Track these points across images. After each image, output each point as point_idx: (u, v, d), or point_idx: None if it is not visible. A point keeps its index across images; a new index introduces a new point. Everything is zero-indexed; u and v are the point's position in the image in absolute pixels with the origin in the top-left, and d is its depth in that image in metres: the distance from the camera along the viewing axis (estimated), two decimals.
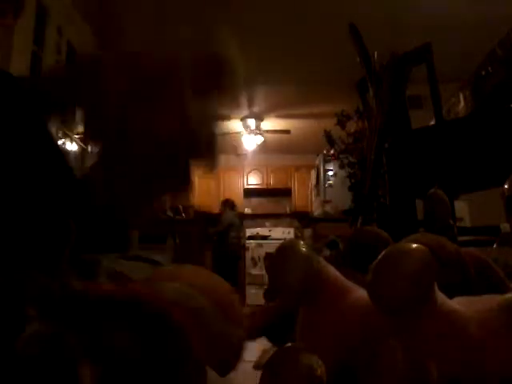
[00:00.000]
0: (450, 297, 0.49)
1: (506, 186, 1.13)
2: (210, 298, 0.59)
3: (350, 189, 4.24)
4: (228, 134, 6.33)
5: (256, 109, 5.88)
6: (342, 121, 4.39)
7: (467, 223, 2.42)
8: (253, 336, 0.99)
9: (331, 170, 5.10)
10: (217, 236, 6.14)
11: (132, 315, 0.42)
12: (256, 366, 0.99)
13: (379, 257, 0.47)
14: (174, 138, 0.67)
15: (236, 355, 0.63)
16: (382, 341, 0.48)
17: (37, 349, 0.34)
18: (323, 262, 0.57)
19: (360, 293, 0.55)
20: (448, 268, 0.61)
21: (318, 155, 5.44)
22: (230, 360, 0.62)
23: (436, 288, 0.47)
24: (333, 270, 0.59)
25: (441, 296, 0.48)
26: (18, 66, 2.69)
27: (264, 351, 1.11)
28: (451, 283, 0.54)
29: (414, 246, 0.46)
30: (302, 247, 0.55)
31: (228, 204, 6.55)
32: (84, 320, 0.39)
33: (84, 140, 3.81)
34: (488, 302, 0.49)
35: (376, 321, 0.49)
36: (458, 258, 0.65)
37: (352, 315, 0.53)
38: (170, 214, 4.91)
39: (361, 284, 0.56)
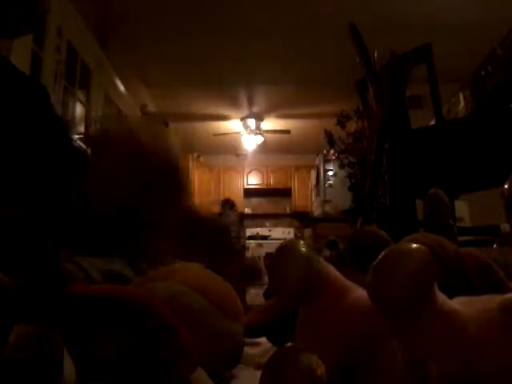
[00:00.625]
0: (450, 297, 0.49)
1: (506, 186, 1.12)
2: (206, 295, 0.59)
3: (350, 189, 4.25)
4: (228, 134, 6.33)
5: (256, 109, 5.88)
6: (341, 121, 4.39)
7: (467, 223, 2.42)
8: (253, 334, 0.99)
9: (331, 170, 5.09)
10: None
11: (122, 316, 0.41)
12: (256, 366, 0.99)
13: (379, 257, 0.47)
14: None
15: (236, 350, 0.63)
16: (382, 341, 0.48)
17: (25, 351, 0.34)
18: (323, 262, 0.57)
19: (360, 293, 0.55)
20: (448, 268, 0.61)
21: (317, 155, 5.44)
22: (230, 355, 0.62)
23: (436, 288, 0.46)
24: (333, 270, 0.58)
25: (441, 296, 0.48)
26: (18, 65, 2.68)
27: (264, 351, 1.11)
28: (451, 283, 0.54)
29: (414, 246, 0.46)
30: (302, 247, 0.55)
31: (228, 204, 6.55)
32: (74, 320, 0.39)
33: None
34: (488, 302, 0.49)
35: (376, 321, 0.49)
36: (457, 258, 0.65)
37: (352, 315, 0.53)
38: None
39: (361, 284, 0.56)
